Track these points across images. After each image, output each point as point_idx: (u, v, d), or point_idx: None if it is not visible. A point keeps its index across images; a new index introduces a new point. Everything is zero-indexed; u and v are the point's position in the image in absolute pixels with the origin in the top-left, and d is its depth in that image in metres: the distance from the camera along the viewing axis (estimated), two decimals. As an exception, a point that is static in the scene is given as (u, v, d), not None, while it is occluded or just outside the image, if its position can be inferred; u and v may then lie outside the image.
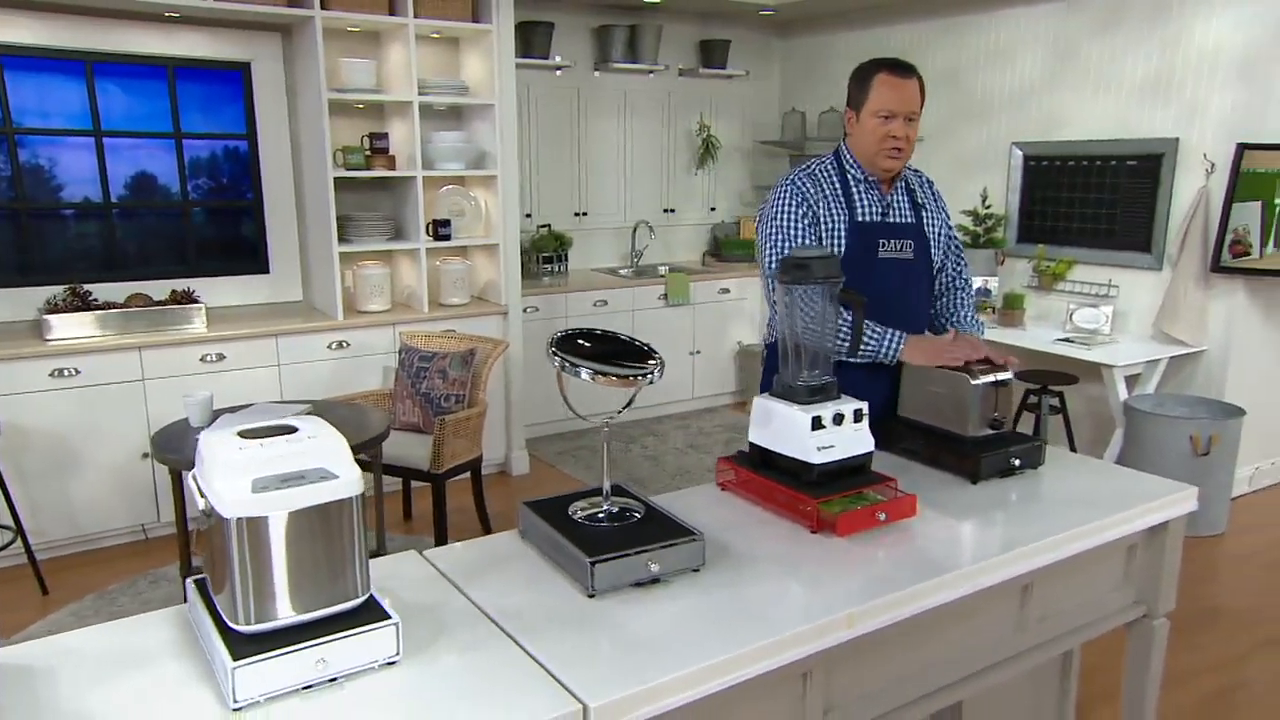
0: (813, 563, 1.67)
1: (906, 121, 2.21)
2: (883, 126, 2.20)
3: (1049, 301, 5.00)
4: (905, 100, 2.19)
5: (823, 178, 2.31)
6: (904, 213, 2.34)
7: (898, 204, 2.34)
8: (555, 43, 5.57)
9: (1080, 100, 4.79)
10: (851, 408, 1.86)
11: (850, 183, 2.31)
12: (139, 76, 4.06)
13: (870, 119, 2.22)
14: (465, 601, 1.50)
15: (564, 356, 1.59)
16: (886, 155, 2.23)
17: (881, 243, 2.29)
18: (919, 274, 2.37)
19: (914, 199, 2.38)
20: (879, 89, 2.20)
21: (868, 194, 2.31)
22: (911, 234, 2.33)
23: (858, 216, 2.29)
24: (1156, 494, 1.99)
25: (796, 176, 2.32)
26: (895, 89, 2.18)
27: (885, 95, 2.19)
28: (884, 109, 2.19)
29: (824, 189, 2.29)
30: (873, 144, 2.23)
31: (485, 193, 4.62)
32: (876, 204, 2.32)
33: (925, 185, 2.44)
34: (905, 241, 2.31)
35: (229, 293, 4.36)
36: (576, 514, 1.67)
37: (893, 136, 2.20)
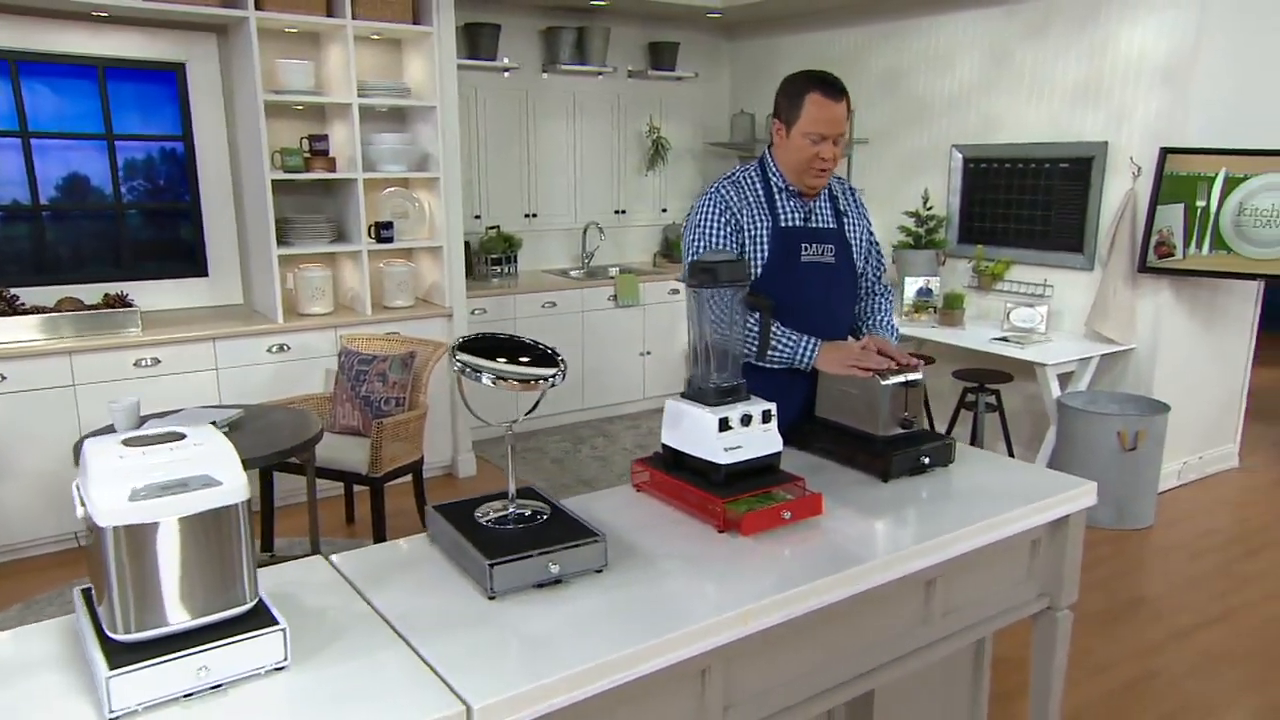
0: (717, 562, 1.71)
1: (833, 142, 2.22)
2: (812, 148, 2.20)
3: (988, 301, 5.10)
4: (835, 122, 2.20)
5: (746, 185, 2.33)
6: (826, 218, 2.38)
7: (820, 210, 2.38)
8: (502, 44, 5.57)
9: (1016, 104, 4.90)
10: (760, 409, 1.89)
11: (774, 190, 2.33)
12: (68, 76, 4.00)
13: (799, 138, 2.21)
14: (365, 606, 1.51)
15: (465, 361, 1.60)
16: (814, 174, 2.26)
17: (804, 246, 2.31)
18: (841, 279, 2.41)
19: (836, 206, 2.42)
20: (810, 109, 2.19)
21: (790, 201, 2.34)
22: (833, 239, 2.36)
23: (780, 222, 2.32)
24: (1058, 489, 2.06)
25: (721, 185, 2.34)
26: (826, 110, 2.19)
27: (816, 117, 2.19)
28: (814, 131, 2.19)
29: (747, 196, 2.31)
30: (801, 163, 2.24)
31: (429, 195, 4.61)
32: (798, 210, 2.34)
33: (848, 193, 2.48)
34: (827, 246, 2.34)
35: (167, 296, 4.31)
36: (482, 517, 1.69)
37: (821, 158, 2.22)
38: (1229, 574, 3.76)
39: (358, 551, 1.75)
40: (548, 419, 5.60)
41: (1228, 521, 4.30)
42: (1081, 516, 2.09)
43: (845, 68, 5.78)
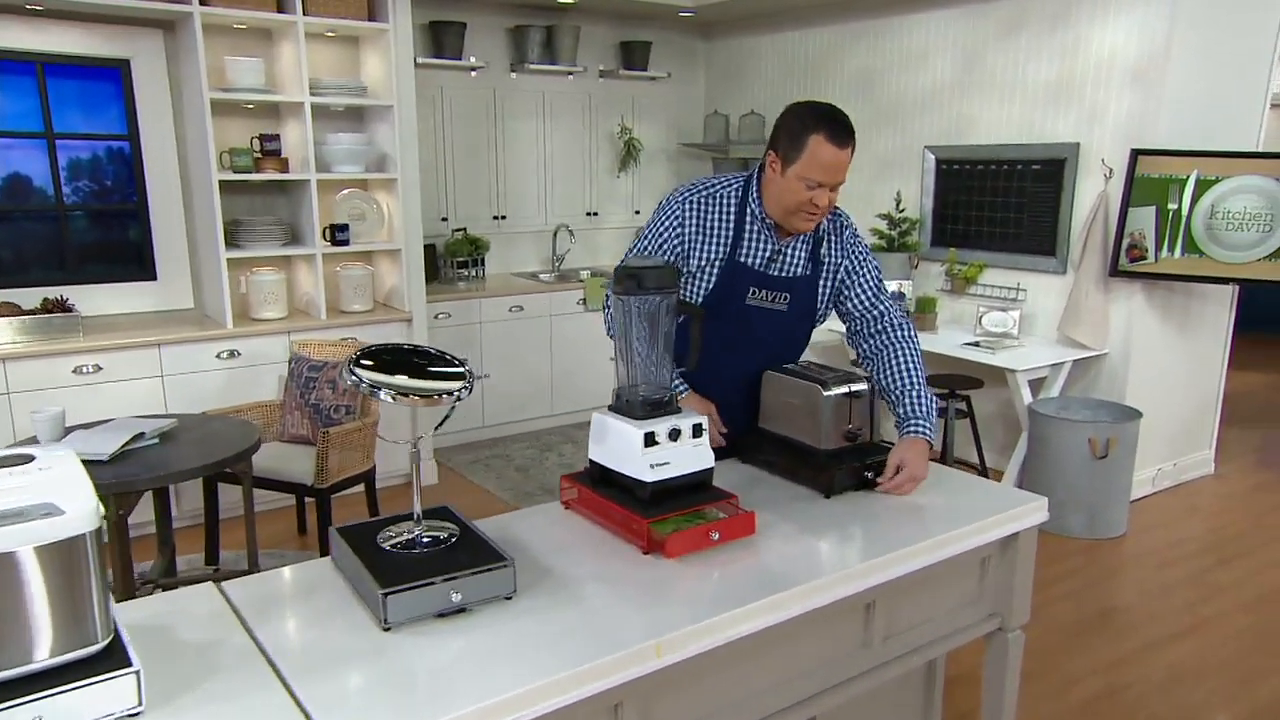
0: (639, 586, 1.60)
1: (831, 189, 2.02)
2: (806, 193, 2.00)
3: (961, 305, 5.01)
4: (837, 170, 1.99)
5: (719, 203, 2.13)
6: (794, 265, 2.15)
7: (791, 254, 2.15)
8: (469, 43, 5.46)
9: (988, 104, 4.81)
10: (690, 422, 1.79)
11: (747, 217, 2.12)
12: (4, 73, 3.87)
13: (795, 180, 2.00)
14: (248, 640, 1.40)
15: (361, 376, 1.49)
16: (803, 219, 2.06)
17: (751, 290, 2.13)
18: (790, 326, 2.21)
19: (816, 249, 2.18)
20: (814, 152, 1.96)
21: (760, 234, 2.13)
22: (793, 287, 2.15)
23: (738, 255, 2.12)
24: (1008, 505, 1.96)
25: (694, 195, 2.14)
26: (830, 156, 1.96)
27: (819, 165, 1.97)
28: (813, 177, 1.98)
29: (713, 218, 2.12)
30: (791, 204, 2.03)
31: (387, 196, 4.49)
32: (765, 247, 2.13)
33: (837, 231, 2.20)
34: (781, 294, 2.15)
35: (113, 301, 4.18)
36: (385, 541, 1.58)
37: (814, 204, 2.01)
38: (1201, 583, 3.68)
39: (256, 576, 1.64)
40: (515, 425, 5.49)
41: (1201, 530, 4.22)
42: (1033, 534, 2.00)
43: (818, 68, 5.70)
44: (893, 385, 2.14)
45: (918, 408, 2.08)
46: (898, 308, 2.25)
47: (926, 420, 2.06)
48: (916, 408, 2.08)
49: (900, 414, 2.11)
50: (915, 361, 2.15)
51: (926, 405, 2.08)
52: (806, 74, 5.78)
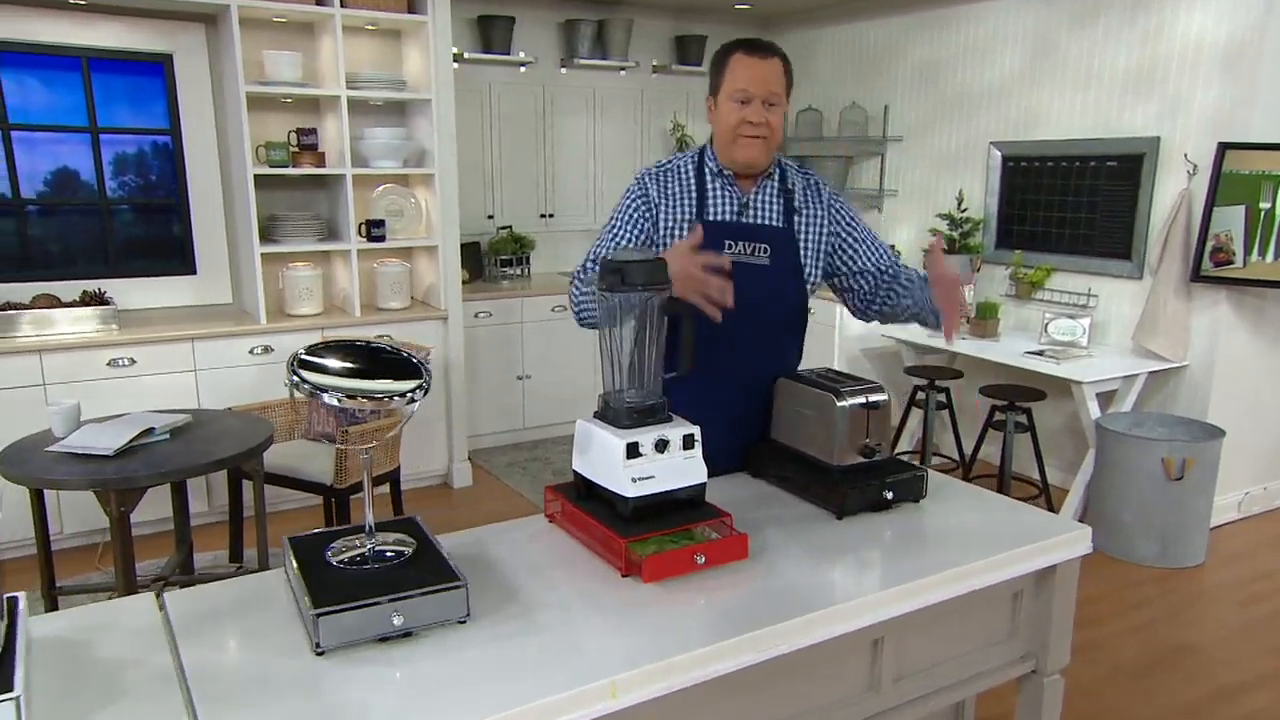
0: (610, 614, 1.44)
1: (767, 106, 1.95)
2: (738, 111, 1.95)
3: (1027, 311, 4.70)
4: (763, 80, 1.94)
5: (676, 174, 2.07)
6: (768, 214, 2.07)
7: (761, 204, 2.07)
8: (519, 38, 5.37)
9: (1060, 97, 4.50)
10: (680, 433, 1.62)
11: (707, 178, 2.06)
12: (53, 68, 3.92)
13: (726, 103, 1.97)
14: (169, 660, 1.29)
15: (304, 378, 1.37)
16: (743, 144, 1.97)
17: (728, 244, 2.01)
18: (779, 283, 2.06)
19: (790, 201, 2.09)
20: (734, 69, 1.96)
21: (724, 190, 2.05)
22: (771, 238, 2.05)
23: (707, 214, 2.04)
24: (1044, 534, 1.73)
25: (646, 173, 2.09)
26: (751, 68, 1.94)
27: (740, 75, 1.95)
28: (739, 91, 1.94)
29: (674, 186, 2.05)
30: (727, 131, 1.98)
31: (426, 192, 4.42)
32: (732, 202, 2.05)
33: (813, 187, 2.13)
34: (760, 245, 2.03)
35: (153, 294, 4.20)
36: (335, 555, 1.45)
37: (749, 122, 1.94)
38: (1288, 623, 3.34)
39: (205, 587, 1.53)
40: (556, 427, 5.37)
41: (1291, 561, 3.84)
42: (1074, 567, 1.77)
43: (879, 60, 5.44)
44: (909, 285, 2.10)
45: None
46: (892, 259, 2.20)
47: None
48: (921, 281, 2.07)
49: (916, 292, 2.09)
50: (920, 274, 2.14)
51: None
52: (866, 67, 5.53)
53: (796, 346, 2.19)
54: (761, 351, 2.04)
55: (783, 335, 2.11)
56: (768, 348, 2.06)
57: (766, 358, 2.06)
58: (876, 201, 5.53)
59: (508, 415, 5.15)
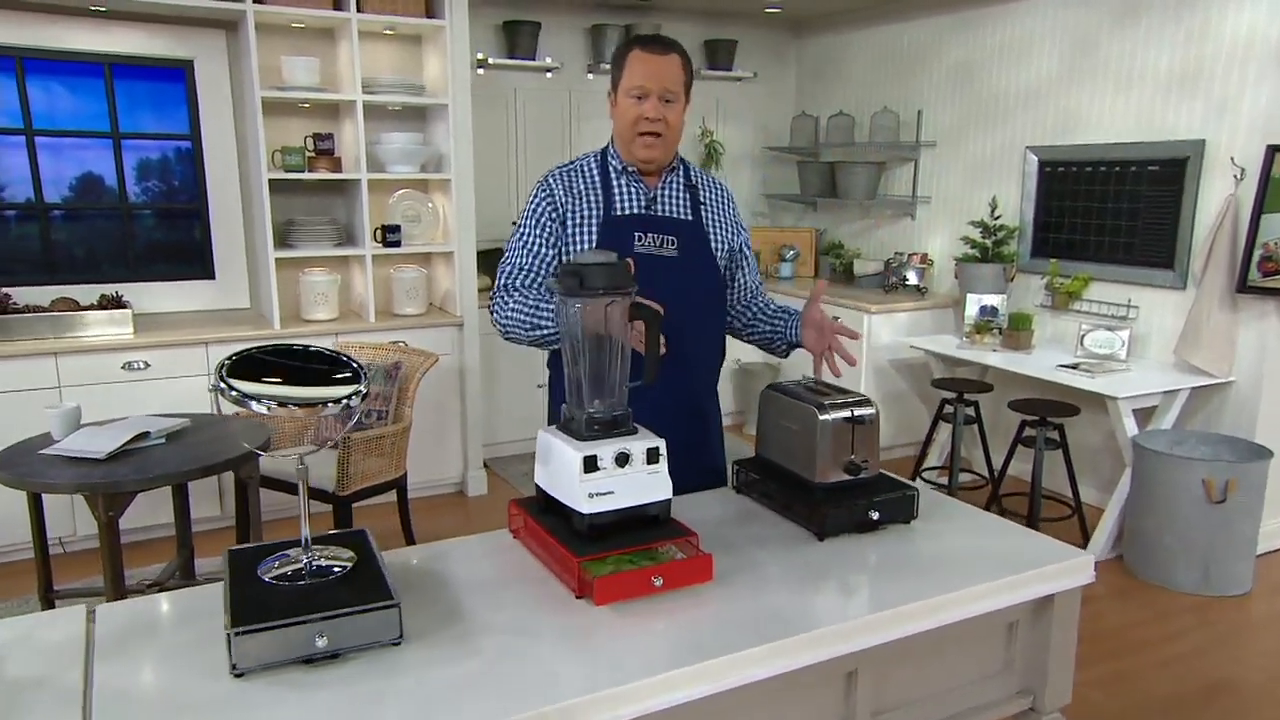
0: (557, 639, 1.35)
1: (664, 102, 1.94)
2: (635, 107, 1.94)
3: (1063, 323, 4.50)
4: (659, 75, 1.92)
5: (581, 173, 2.05)
6: (674, 208, 2.06)
7: (668, 198, 2.07)
8: (545, 43, 5.33)
9: (1099, 99, 4.31)
10: (644, 446, 1.52)
11: (611, 175, 2.04)
12: (76, 74, 3.97)
13: (623, 99, 1.96)
14: (79, 678, 1.22)
15: (232, 385, 1.30)
16: (641, 142, 1.95)
17: (637, 236, 2.00)
18: (691, 274, 2.04)
19: (695, 197, 2.09)
20: (631, 65, 1.94)
21: (629, 186, 2.04)
22: (679, 230, 2.04)
23: (614, 210, 2.02)
24: (1041, 560, 1.60)
25: (550, 174, 2.07)
26: (647, 64, 1.92)
27: (637, 71, 1.93)
28: (635, 87, 1.93)
29: (578, 184, 2.04)
30: (626, 128, 1.96)
31: (444, 198, 4.39)
32: (639, 197, 2.04)
33: (714, 187, 2.15)
34: (668, 237, 2.02)
35: (172, 298, 4.23)
36: (267, 569, 1.38)
37: (646, 119, 1.93)
38: (1339, 658, 3.11)
39: (143, 599, 1.48)
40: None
41: (1346, 591, 3.59)
42: (1073, 597, 1.63)
43: (912, 63, 5.29)
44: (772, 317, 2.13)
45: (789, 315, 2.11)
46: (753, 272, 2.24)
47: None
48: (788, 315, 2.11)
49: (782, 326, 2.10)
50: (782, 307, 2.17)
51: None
52: (899, 70, 5.38)
53: (718, 341, 2.17)
54: (678, 344, 1.92)
55: (699, 327, 2.06)
56: (685, 340, 1.97)
57: (686, 350, 1.99)
58: (909, 209, 5.37)
59: (527, 423, 5.08)
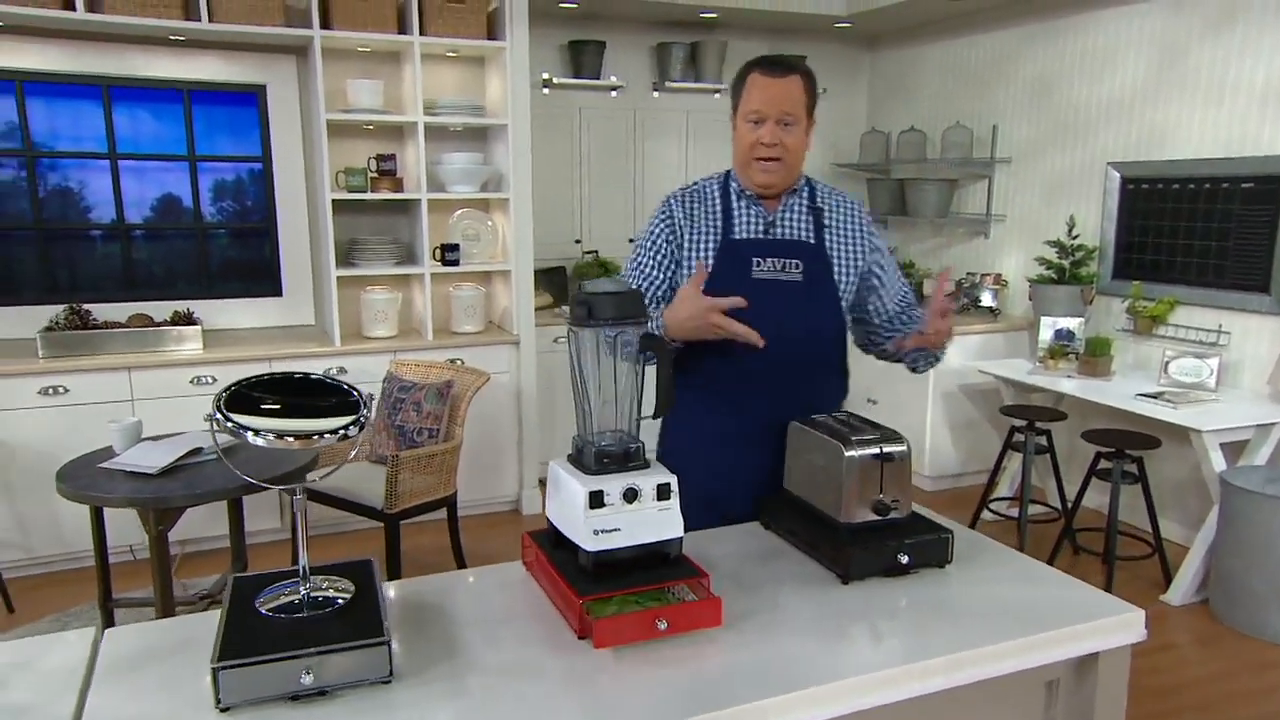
0: (553, 682, 1.30)
1: (782, 126, 1.86)
2: (752, 133, 1.88)
3: (1146, 349, 4.25)
4: (776, 100, 1.85)
5: (703, 195, 2.01)
6: (796, 230, 1.97)
7: (789, 221, 1.98)
8: (611, 62, 5.34)
9: (1188, 113, 4.07)
10: (654, 482, 1.47)
11: (732, 197, 1.98)
12: (158, 100, 4.14)
13: (742, 124, 1.91)
14: (71, 707, 1.23)
15: (228, 417, 1.30)
16: (759, 167, 1.89)
17: (756, 261, 1.92)
18: (813, 299, 1.95)
19: (819, 218, 1.99)
20: (749, 90, 1.88)
21: (749, 210, 1.98)
22: (802, 254, 1.94)
23: (733, 233, 1.95)
24: (1086, 615, 1.48)
25: (672, 196, 2.05)
26: (766, 89, 1.86)
27: (754, 96, 1.87)
28: (752, 111, 1.87)
29: (700, 207, 1.99)
30: (743, 152, 1.92)
31: (503, 217, 4.42)
32: (758, 219, 1.97)
33: (843, 206, 2.03)
34: (790, 261, 1.93)
35: (242, 315, 4.36)
36: (263, 600, 1.37)
37: (761, 144, 1.86)
38: None
39: (151, 624, 1.49)
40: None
41: None
42: (1122, 656, 1.50)
43: (987, 76, 5.11)
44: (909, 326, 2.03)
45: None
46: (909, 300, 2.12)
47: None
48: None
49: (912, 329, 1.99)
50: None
51: None
52: (972, 85, 5.20)
53: (839, 375, 2.05)
54: (798, 377, 1.92)
55: (822, 359, 1.98)
56: (805, 373, 1.93)
57: (805, 384, 1.93)
58: (983, 228, 5.17)
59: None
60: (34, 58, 3.85)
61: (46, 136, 4.04)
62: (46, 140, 4.04)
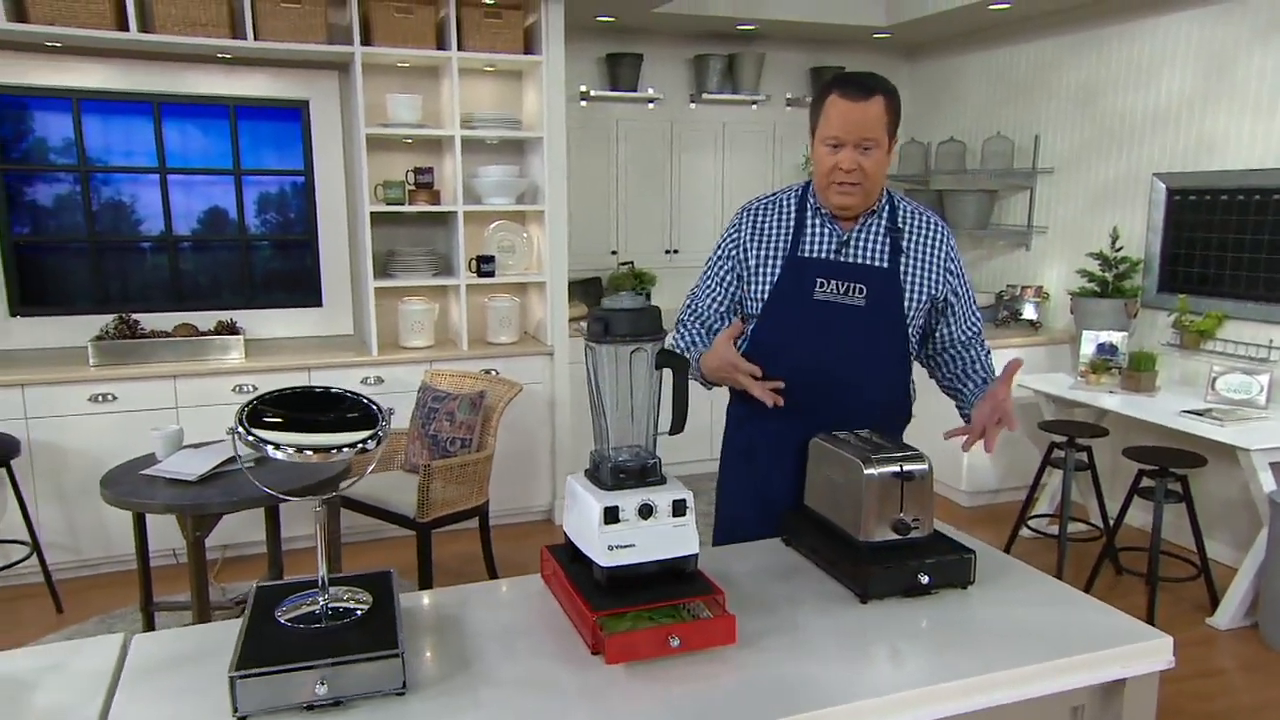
0: (565, 697, 1.31)
1: (861, 151, 1.83)
2: (830, 157, 1.85)
3: (1193, 364, 4.15)
4: (855, 125, 1.81)
5: (777, 208, 2.01)
6: (869, 253, 1.94)
7: (864, 242, 1.95)
8: (648, 74, 5.37)
9: (1236, 123, 3.97)
10: (670, 498, 1.47)
11: (808, 212, 1.98)
12: (205, 116, 4.25)
13: (820, 147, 1.88)
14: (97, 711, 1.26)
15: (249, 431, 1.33)
16: (836, 190, 1.87)
17: (820, 282, 1.91)
18: (874, 325, 1.93)
19: (896, 241, 1.94)
20: (828, 113, 1.85)
21: (824, 227, 1.96)
22: (869, 278, 1.92)
23: (801, 250, 1.94)
24: (1113, 639, 1.45)
25: (746, 207, 2.06)
26: (845, 113, 1.82)
27: (833, 120, 1.84)
28: (831, 136, 1.84)
29: (770, 221, 2.00)
30: (821, 176, 1.89)
31: (539, 229, 4.46)
32: (830, 238, 1.95)
33: (925, 229, 1.98)
34: (855, 285, 1.91)
35: (284, 325, 4.45)
36: (283, 611, 1.40)
37: (840, 169, 1.84)
38: None
39: (175, 631, 1.53)
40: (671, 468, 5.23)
41: None
42: (1149, 683, 1.46)
43: (1029, 86, 5.03)
44: (970, 377, 2.04)
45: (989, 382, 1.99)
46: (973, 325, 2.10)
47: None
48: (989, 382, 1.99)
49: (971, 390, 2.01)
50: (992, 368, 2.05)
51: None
52: (1013, 94, 5.13)
53: (900, 400, 2.03)
54: (855, 402, 1.90)
55: (881, 384, 1.96)
56: (862, 398, 1.92)
57: (863, 409, 1.90)
58: (1024, 239, 5.09)
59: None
60: (89, 76, 3.99)
61: (100, 152, 4.17)
62: (100, 155, 4.18)
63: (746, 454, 2.06)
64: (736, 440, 2.11)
